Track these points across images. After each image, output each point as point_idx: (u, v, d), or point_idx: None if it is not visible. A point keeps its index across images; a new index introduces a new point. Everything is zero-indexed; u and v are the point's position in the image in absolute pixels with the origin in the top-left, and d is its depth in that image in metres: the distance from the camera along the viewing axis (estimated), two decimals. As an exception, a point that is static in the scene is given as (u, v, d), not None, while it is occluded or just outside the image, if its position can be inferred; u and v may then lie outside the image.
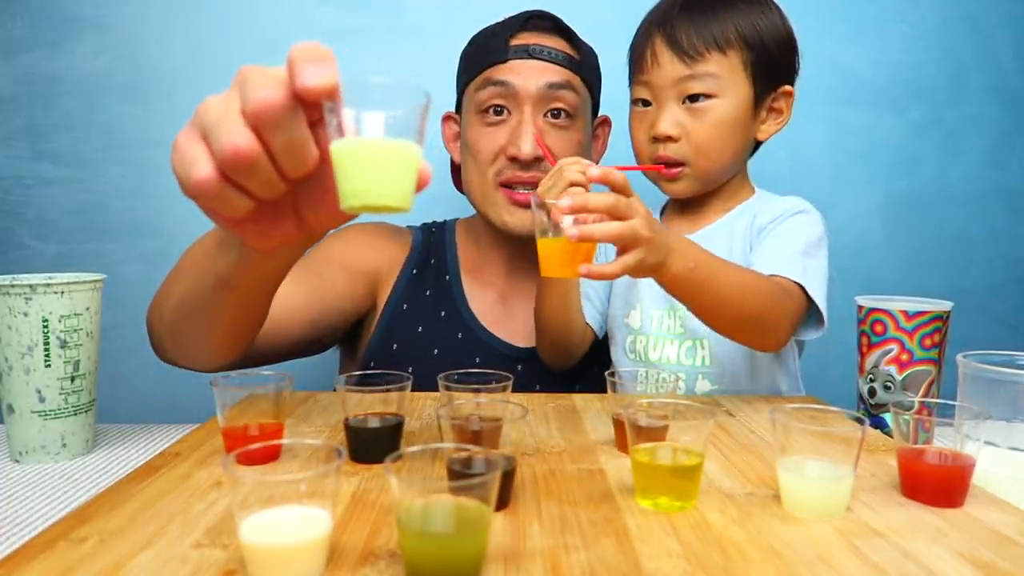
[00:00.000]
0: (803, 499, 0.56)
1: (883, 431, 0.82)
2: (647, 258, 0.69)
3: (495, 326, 1.08)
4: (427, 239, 1.16)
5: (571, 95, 1.02)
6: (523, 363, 1.05)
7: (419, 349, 1.04)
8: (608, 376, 0.72)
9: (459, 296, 1.09)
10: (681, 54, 0.90)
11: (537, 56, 1.01)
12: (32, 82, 1.41)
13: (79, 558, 0.47)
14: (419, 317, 1.07)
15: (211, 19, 1.43)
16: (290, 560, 0.44)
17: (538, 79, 1.00)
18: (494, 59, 1.01)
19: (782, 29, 0.93)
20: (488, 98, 1.01)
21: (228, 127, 0.45)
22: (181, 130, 0.50)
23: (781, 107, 0.95)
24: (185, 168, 0.47)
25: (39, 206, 1.44)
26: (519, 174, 1.01)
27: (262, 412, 0.68)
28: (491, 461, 0.48)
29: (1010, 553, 0.50)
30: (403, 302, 1.08)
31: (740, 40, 0.90)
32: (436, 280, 1.10)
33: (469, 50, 1.08)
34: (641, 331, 0.98)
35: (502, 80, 1.00)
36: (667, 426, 0.59)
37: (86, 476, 0.67)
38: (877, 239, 1.52)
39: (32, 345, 0.68)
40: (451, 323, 1.07)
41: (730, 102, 0.90)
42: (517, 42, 1.02)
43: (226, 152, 0.44)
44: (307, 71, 0.44)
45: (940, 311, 0.82)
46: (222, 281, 0.63)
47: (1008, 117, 1.53)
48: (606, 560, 0.48)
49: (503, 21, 1.06)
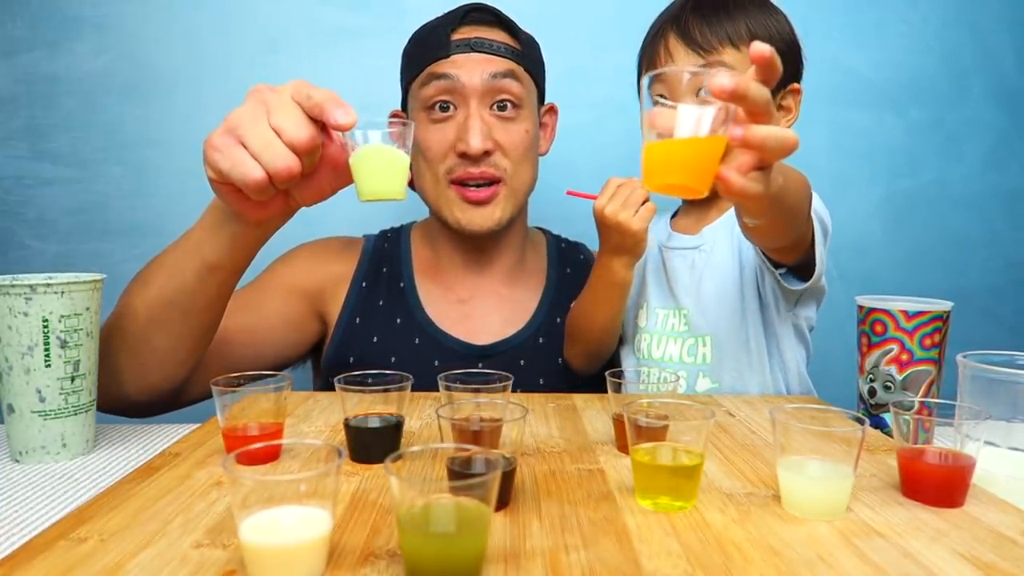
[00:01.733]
0: (803, 499, 0.56)
1: (883, 431, 0.82)
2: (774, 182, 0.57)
3: (453, 327, 1.07)
4: (380, 246, 1.14)
5: (516, 85, 1.02)
6: (484, 361, 1.04)
7: (376, 359, 1.02)
8: (608, 376, 0.72)
9: (414, 301, 1.08)
10: (695, 47, 0.91)
11: (479, 49, 1.00)
12: (32, 82, 1.41)
13: (79, 558, 0.47)
14: (373, 328, 1.06)
15: (211, 18, 1.43)
16: (290, 560, 0.44)
17: (482, 71, 0.99)
18: (436, 54, 1.01)
19: (788, 30, 0.95)
20: (433, 94, 1.00)
21: (280, 152, 0.63)
22: (215, 134, 0.66)
23: (790, 105, 0.97)
24: (241, 169, 0.64)
25: (39, 206, 1.44)
26: (470, 170, 1.00)
27: (262, 412, 0.68)
28: (491, 461, 0.48)
29: (1010, 553, 0.50)
30: (355, 316, 1.07)
31: (752, 37, 0.91)
32: (389, 288, 1.09)
33: (410, 47, 1.07)
34: (646, 329, 1.00)
35: (445, 74, 0.99)
36: (667, 426, 0.59)
37: (86, 476, 0.67)
38: (877, 239, 1.52)
39: (32, 345, 0.68)
40: (407, 329, 1.06)
41: None
42: (458, 36, 1.01)
43: (280, 171, 0.63)
44: (337, 113, 0.62)
45: (940, 311, 0.82)
46: (210, 265, 0.76)
47: (1008, 119, 1.53)
48: (606, 560, 0.48)
49: (442, 16, 1.05)
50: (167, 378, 0.85)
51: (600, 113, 1.46)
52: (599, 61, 1.46)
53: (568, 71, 1.47)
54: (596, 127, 1.47)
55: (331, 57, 1.43)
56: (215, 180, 0.68)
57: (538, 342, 1.07)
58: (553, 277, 1.14)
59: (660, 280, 1.02)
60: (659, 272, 1.02)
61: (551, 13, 1.46)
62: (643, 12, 1.02)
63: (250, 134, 0.63)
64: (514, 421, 0.56)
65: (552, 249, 1.18)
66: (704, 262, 0.98)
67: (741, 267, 0.95)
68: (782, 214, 0.69)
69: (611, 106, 1.39)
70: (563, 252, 1.19)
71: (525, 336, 1.07)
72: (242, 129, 0.64)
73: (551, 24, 1.46)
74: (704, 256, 0.98)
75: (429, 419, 0.80)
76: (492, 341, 1.06)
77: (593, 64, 1.47)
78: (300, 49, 1.44)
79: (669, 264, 1.01)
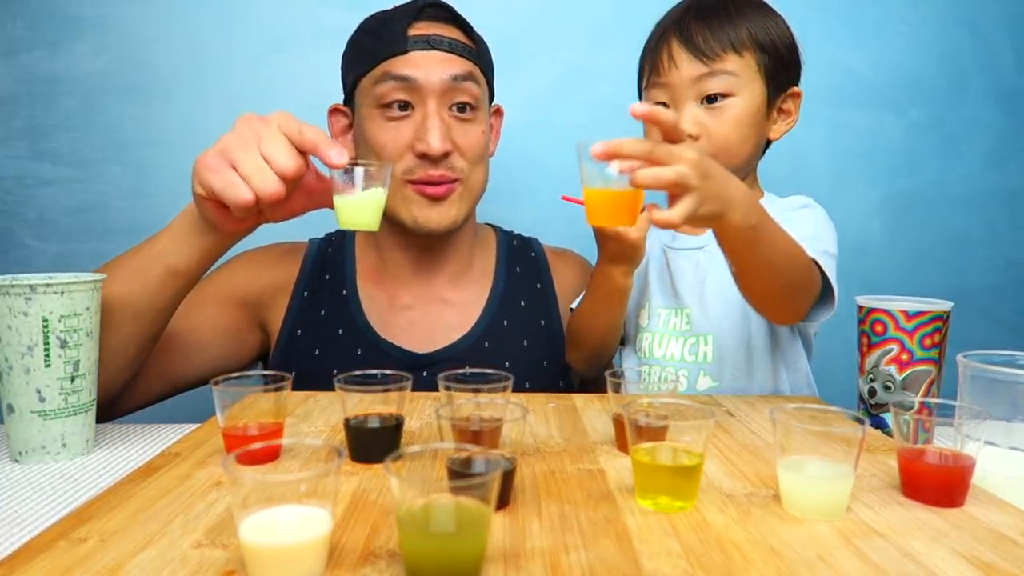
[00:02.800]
0: (803, 499, 0.56)
1: (883, 431, 0.82)
2: (701, 207, 0.64)
3: (396, 335, 1.04)
4: (324, 250, 1.11)
5: (474, 87, 1.00)
6: (428, 369, 1.00)
7: (318, 372, 1.00)
8: (608, 376, 0.72)
9: (355, 308, 1.06)
10: (699, 54, 0.91)
11: (438, 47, 0.98)
12: (32, 82, 1.41)
13: (79, 558, 0.47)
14: (315, 340, 1.04)
15: (211, 18, 1.43)
16: (290, 560, 0.44)
17: (441, 71, 0.97)
18: (392, 50, 0.97)
19: (788, 34, 0.96)
20: (389, 92, 0.97)
21: (270, 178, 0.69)
22: (208, 154, 0.71)
23: (790, 108, 0.97)
24: (233, 191, 0.69)
25: (39, 206, 1.44)
26: (430, 172, 0.98)
27: (262, 412, 0.68)
28: (491, 461, 0.48)
29: (1010, 553, 0.50)
30: (297, 328, 1.05)
31: (753, 42, 0.92)
32: (331, 296, 1.07)
33: (360, 38, 1.04)
34: (648, 328, 1.00)
35: (404, 75, 0.96)
36: (667, 426, 0.59)
37: (86, 476, 0.67)
38: (877, 239, 1.52)
39: (32, 345, 0.68)
40: (349, 339, 1.04)
41: (747, 101, 0.92)
42: (415, 32, 0.98)
43: (269, 195, 0.69)
44: (332, 153, 0.69)
45: (940, 311, 0.82)
46: (173, 271, 0.81)
47: (1008, 119, 1.53)
48: (606, 560, 0.48)
49: (394, 10, 1.02)
50: (105, 383, 0.82)
51: (599, 114, 1.46)
52: (598, 62, 1.46)
53: (567, 72, 1.48)
54: (595, 128, 1.47)
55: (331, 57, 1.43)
56: (202, 196, 0.73)
57: (484, 346, 1.05)
58: (501, 278, 1.12)
59: (663, 280, 1.02)
60: (662, 272, 1.02)
61: (551, 13, 1.46)
62: (642, 12, 1.01)
63: (242, 159, 0.69)
64: (514, 421, 0.56)
65: (502, 248, 1.15)
66: (708, 262, 0.98)
67: None
68: (759, 266, 0.76)
69: (610, 107, 1.38)
70: (514, 250, 1.16)
71: (470, 341, 1.05)
72: (235, 153, 0.69)
73: (550, 24, 1.47)
74: (708, 256, 0.98)
75: (429, 419, 0.80)
76: (436, 348, 1.04)
77: (592, 65, 1.47)
78: (301, 49, 1.44)
79: (673, 264, 1.01)
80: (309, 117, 1.46)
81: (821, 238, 0.89)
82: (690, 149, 0.64)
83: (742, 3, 0.94)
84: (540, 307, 1.11)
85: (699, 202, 0.64)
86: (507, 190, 1.48)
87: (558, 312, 1.13)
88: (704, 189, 0.63)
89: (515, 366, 1.04)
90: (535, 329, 1.09)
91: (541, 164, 1.48)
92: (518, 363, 1.04)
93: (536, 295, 1.12)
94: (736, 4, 0.94)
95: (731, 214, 0.67)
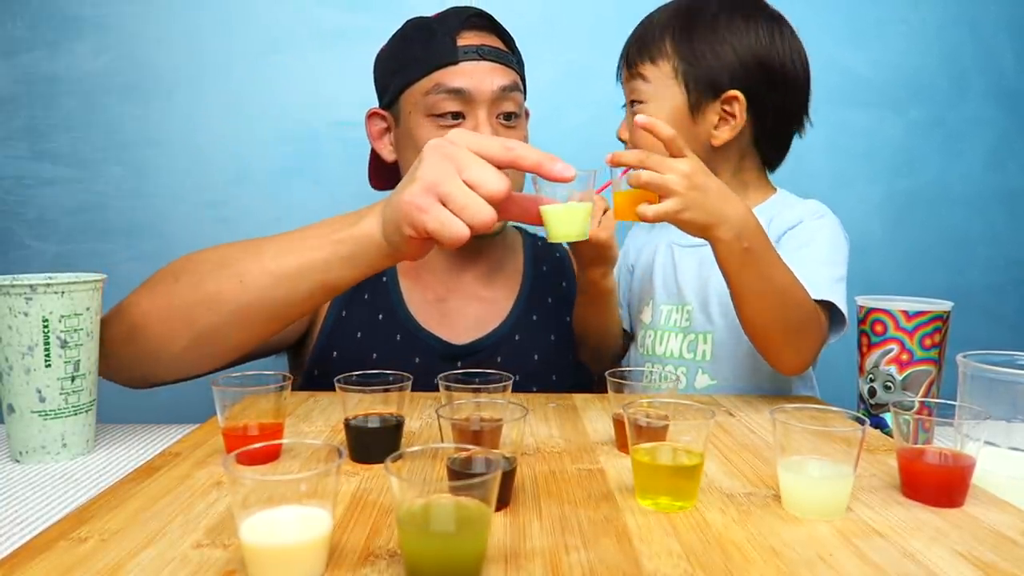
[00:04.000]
0: (803, 499, 0.56)
1: (883, 431, 0.82)
2: (683, 213, 0.74)
3: (433, 325, 1.06)
4: None
5: (519, 95, 1.03)
6: (463, 360, 1.03)
7: (359, 355, 1.02)
8: (608, 376, 0.72)
9: (395, 298, 1.08)
10: (627, 62, 1.00)
11: (487, 57, 0.99)
12: (32, 82, 1.41)
13: (79, 558, 0.47)
14: (358, 322, 1.06)
15: (211, 18, 1.43)
16: (290, 560, 0.44)
17: (491, 82, 0.98)
18: (443, 60, 0.98)
19: (737, 42, 0.94)
20: (442, 103, 0.98)
21: (482, 208, 0.64)
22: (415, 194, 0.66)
23: (733, 111, 0.95)
24: (451, 229, 0.64)
25: (39, 206, 1.44)
26: None
27: (262, 412, 0.68)
28: (491, 461, 0.48)
29: (1010, 553, 0.50)
30: (343, 308, 1.06)
31: (673, 51, 0.95)
32: (374, 283, 1.08)
33: (405, 46, 1.04)
34: (651, 326, 1.01)
35: (458, 88, 0.97)
36: (667, 426, 0.59)
37: (86, 476, 0.67)
38: (877, 239, 1.52)
39: (32, 345, 0.68)
40: (389, 325, 1.06)
41: (659, 107, 0.96)
42: (465, 43, 0.99)
43: (484, 224, 0.64)
44: (557, 167, 0.66)
45: (940, 311, 0.82)
46: (328, 287, 0.76)
47: (1008, 118, 1.53)
48: (606, 560, 0.48)
49: (438, 19, 1.03)
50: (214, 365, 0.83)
51: (598, 113, 1.46)
52: (598, 61, 1.46)
53: (567, 71, 1.48)
54: (594, 127, 1.47)
55: (331, 57, 1.43)
56: (411, 236, 0.68)
57: (515, 339, 1.08)
58: (529, 276, 1.15)
59: (668, 276, 1.03)
60: (667, 269, 1.03)
61: (551, 13, 1.46)
62: (642, 12, 1.02)
63: (451, 192, 0.65)
64: (514, 421, 0.56)
65: (528, 248, 1.19)
66: (713, 261, 0.98)
67: None
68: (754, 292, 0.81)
69: (610, 106, 1.38)
70: (539, 251, 1.19)
71: (502, 334, 1.07)
72: (443, 188, 0.65)
73: (551, 23, 1.47)
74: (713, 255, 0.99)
75: (429, 419, 0.80)
76: (470, 340, 1.06)
77: (592, 64, 1.46)
78: (300, 49, 1.44)
79: (678, 261, 1.03)
80: (308, 116, 1.48)
81: (835, 262, 0.91)
82: (684, 162, 0.75)
83: (690, 15, 0.96)
84: (565, 305, 1.13)
85: (681, 207, 0.74)
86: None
87: None
88: (690, 198, 0.74)
89: (543, 359, 1.08)
90: (560, 324, 1.12)
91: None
92: (546, 356, 1.08)
93: (561, 293, 1.15)
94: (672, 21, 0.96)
95: (720, 229, 0.76)
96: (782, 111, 0.97)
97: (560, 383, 1.07)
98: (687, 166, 0.74)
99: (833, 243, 0.93)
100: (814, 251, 0.91)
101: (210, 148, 1.45)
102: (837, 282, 0.89)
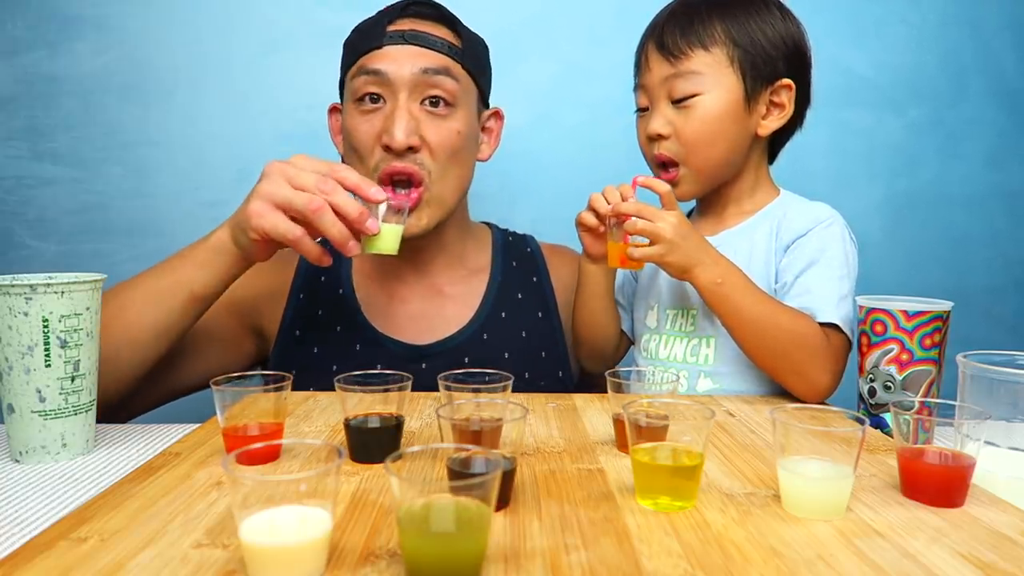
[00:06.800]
0: (803, 499, 0.56)
1: (883, 431, 0.82)
2: (667, 256, 0.86)
3: (394, 329, 1.05)
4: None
5: (450, 82, 0.99)
6: (428, 361, 1.02)
7: (318, 369, 1.01)
8: (608, 376, 0.72)
9: (353, 306, 1.07)
10: (667, 54, 0.93)
11: (412, 41, 0.98)
12: (32, 82, 1.41)
13: (79, 558, 0.47)
14: (314, 339, 1.05)
15: (211, 19, 1.43)
16: (290, 560, 0.44)
17: (412, 64, 0.97)
18: (369, 45, 0.99)
19: (780, 27, 0.94)
20: (362, 86, 0.98)
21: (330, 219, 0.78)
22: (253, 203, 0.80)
23: (783, 101, 0.95)
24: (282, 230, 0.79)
25: (39, 206, 1.44)
26: (394, 164, 0.97)
27: (262, 412, 0.68)
28: (491, 461, 0.48)
29: (1010, 553, 0.50)
30: (294, 329, 1.06)
31: (726, 37, 0.92)
32: (329, 297, 1.08)
33: (350, 38, 1.05)
34: (656, 330, 1.01)
35: (375, 69, 0.97)
36: (667, 426, 0.59)
37: (86, 476, 0.67)
38: (877, 239, 1.52)
39: (32, 345, 0.68)
40: (347, 335, 1.05)
41: (716, 97, 0.92)
42: (394, 28, 0.99)
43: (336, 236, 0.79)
44: (372, 190, 0.81)
45: (940, 311, 0.82)
46: (197, 297, 0.86)
47: (1008, 118, 1.53)
48: (606, 560, 0.48)
49: (384, 9, 1.03)
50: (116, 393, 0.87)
51: (598, 112, 1.46)
52: (597, 60, 1.46)
53: (566, 70, 1.48)
54: (594, 126, 1.47)
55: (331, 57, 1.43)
56: (257, 240, 0.80)
57: (483, 338, 1.06)
58: (498, 271, 1.13)
59: (673, 281, 1.02)
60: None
61: (550, 11, 1.46)
62: (641, 10, 1.02)
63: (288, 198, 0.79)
64: (514, 421, 0.56)
65: (498, 243, 1.17)
66: None
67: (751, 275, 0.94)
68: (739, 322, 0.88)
69: (609, 105, 1.38)
70: (509, 245, 1.17)
71: (470, 332, 1.06)
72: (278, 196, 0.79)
73: (549, 23, 1.47)
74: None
75: (429, 419, 0.80)
76: (436, 340, 1.05)
77: (591, 63, 1.47)
78: (299, 49, 1.44)
79: None
80: (308, 116, 1.47)
81: (842, 277, 0.90)
82: (673, 215, 0.86)
83: (724, 1, 0.94)
84: (537, 300, 1.12)
85: (665, 251, 0.86)
86: (507, 189, 1.48)
87: (556, 306, 1.14)
88: (673, 244, 0.85)
89: (513, 357, 1.06)
90: (533, 321, 1.11)
91: (541, 163, 1.48)
92: (517, 354, 1.06)
93: (533, 288, 1.13)
94: (715, 2, 0.94)
95: (697, 270, 0.87)
96: (803, 102, 0.98)
97: (533, 382, 1.06)
98: (676, 218, 0.86)
99: (841, 257, 0.92)
100: (822, 269, 0.90)
101: (210, 148, 1.45)
102: (842, 300, 0.89)
